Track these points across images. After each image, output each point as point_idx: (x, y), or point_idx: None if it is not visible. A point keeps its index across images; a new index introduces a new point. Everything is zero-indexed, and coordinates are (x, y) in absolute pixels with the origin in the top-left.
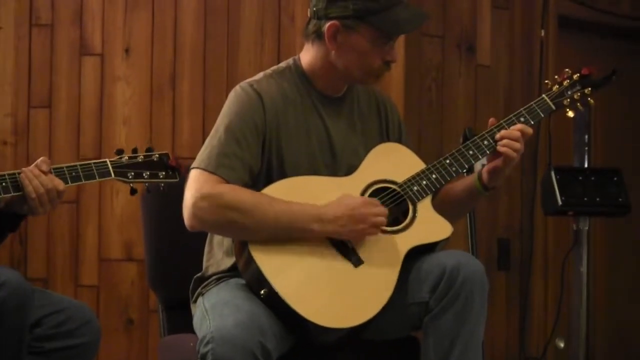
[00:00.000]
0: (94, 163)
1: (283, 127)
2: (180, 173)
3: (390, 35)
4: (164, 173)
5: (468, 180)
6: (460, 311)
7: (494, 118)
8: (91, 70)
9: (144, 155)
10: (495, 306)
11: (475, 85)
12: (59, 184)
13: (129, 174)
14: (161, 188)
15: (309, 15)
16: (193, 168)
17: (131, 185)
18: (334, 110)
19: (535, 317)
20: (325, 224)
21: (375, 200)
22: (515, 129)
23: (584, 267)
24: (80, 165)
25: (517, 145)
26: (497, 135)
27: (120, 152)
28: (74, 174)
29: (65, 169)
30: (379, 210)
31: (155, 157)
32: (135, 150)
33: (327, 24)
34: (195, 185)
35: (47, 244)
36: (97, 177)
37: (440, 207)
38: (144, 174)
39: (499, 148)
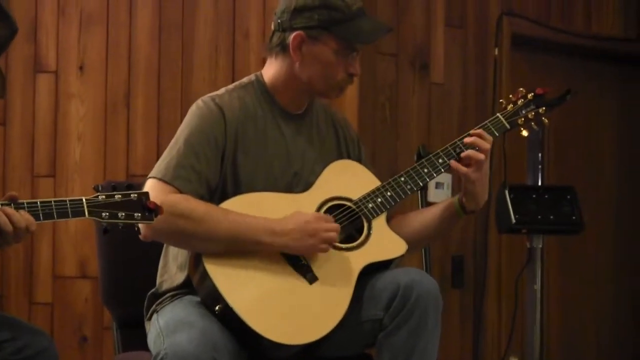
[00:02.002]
0: (70, 200)
1: (242, 142)
2: (158, 215)
3: (354, 45)
4: (139, 214)
5: (451, 199)
6: (414, 328)
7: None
8: (45, 87)
9: (121, 195)
10: (449, 323)
11: (429, 103)
12: (31, 224)
13: (103, 214)
14: (136, 228)
15: (272, 28)
16: (150, 177)
17: (104, 225)
18: (295, 127)
19: (489, 334)
20: (277, 237)
21: (327, 216)
22: (468, 142)
23: (537, 284)
24: (55, 202)
25: (479, 155)
26: (463, 154)
27: (97, 187)
28: (47, 210)
29: (39, 204)
30: (330, 226)
31: (134, 196)
32: (114, 188)
33: (292, 35)
34: (150, 194)
35: (0, 261)
36: (70, 215)
37: (417, 225)
38: (119, 214)
39: (462, 157)
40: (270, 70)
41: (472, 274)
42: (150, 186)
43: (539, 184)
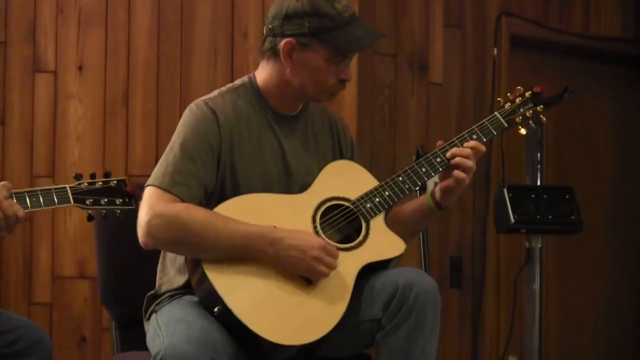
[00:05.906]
0: (55, 189)
1: (237, 144)
2: (136, 201)
3: (344, 53)
4: (120, 200)
5: (420, 200)
6: (412, 329)
7: (442, 140)
8: (44, 87)
9: (102, 182)
10: (447, 324)
11: (428, 103)
12: (19, 210)
13: (87, 201)
14: (117, 214)
15: (264, 32)
16: (148, 185)
17: (89, 212)
18: (288, 129)
19: (487, 334)
20: (278, 250)
21: (333, 250)
22: (468, 146)
23: (536, 284)
24: (41, 190)
25: (469, 162)
26: (448, 154)
27: (78, 177)
28: (34, 199)
29: (26, 194)
30: (330, 262)
31: (113, 183)
32: (93, 176)
33: (283, 42)
34: (150, 202)
35: (0, 262)
36: (57, 203)
37: (392, 228)
38: (101, 201)
39: (452, 164)
40: (263, 73)
41: (470, 274)
42: (149, 194)
43: (538, 183)
